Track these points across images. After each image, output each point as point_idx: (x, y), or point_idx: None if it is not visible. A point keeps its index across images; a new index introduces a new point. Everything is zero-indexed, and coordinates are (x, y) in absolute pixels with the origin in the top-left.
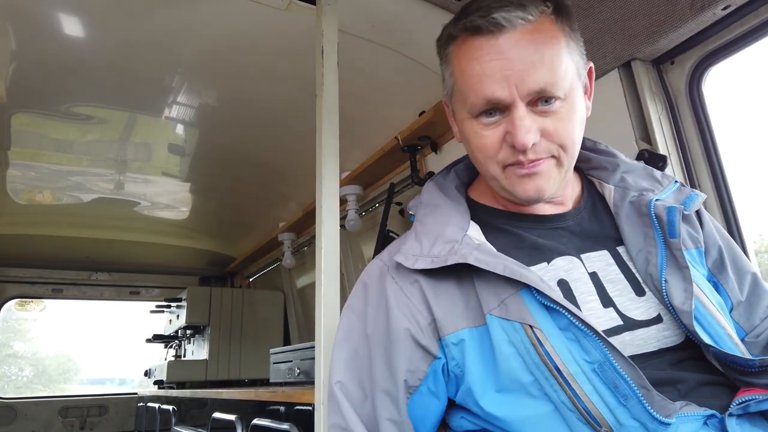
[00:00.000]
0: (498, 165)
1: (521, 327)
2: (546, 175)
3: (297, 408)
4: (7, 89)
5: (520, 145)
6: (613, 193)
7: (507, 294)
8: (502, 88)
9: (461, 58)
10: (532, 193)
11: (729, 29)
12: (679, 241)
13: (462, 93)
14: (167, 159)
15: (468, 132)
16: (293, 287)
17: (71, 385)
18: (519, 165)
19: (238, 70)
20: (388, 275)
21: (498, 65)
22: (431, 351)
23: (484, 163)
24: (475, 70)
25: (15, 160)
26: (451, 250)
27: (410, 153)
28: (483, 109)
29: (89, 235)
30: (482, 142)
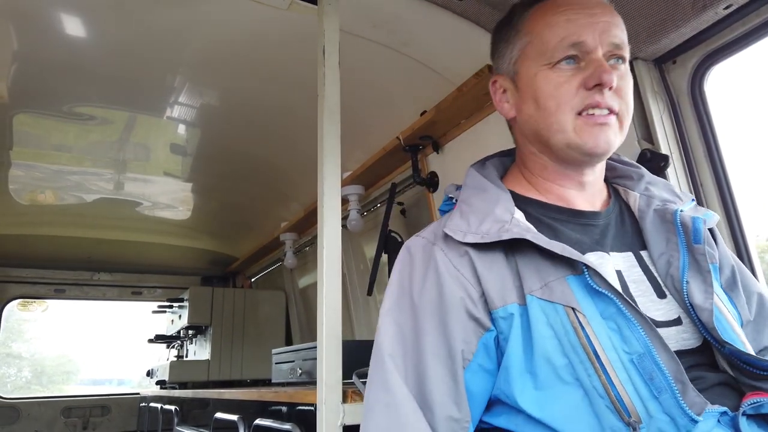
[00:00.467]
0: (570, 113)
1: (563, 310)
2: (613, 129)
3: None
4: (9, 90)
5: (607, 79)
6: (638, 200)
7: (552, 278)
8: (587, 33)
9: (545, 12)
10: (602, 143)
11: (731, 29)
12: (703, 246)
13: (541, 45)
14: (169, 159)
15: (543, 83)
16: (295, 287)
17: (70, 385)
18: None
19: (240, 70)
20: (436, 246)
21: (585, 16)
22: (483, 323)
23: (556, 110)
24: (561, 19)
25: (17, 161)
26: (502, 228)
27: (412, 153)
28: (566, 54)
29: (91, 236)
30: (559, 87)
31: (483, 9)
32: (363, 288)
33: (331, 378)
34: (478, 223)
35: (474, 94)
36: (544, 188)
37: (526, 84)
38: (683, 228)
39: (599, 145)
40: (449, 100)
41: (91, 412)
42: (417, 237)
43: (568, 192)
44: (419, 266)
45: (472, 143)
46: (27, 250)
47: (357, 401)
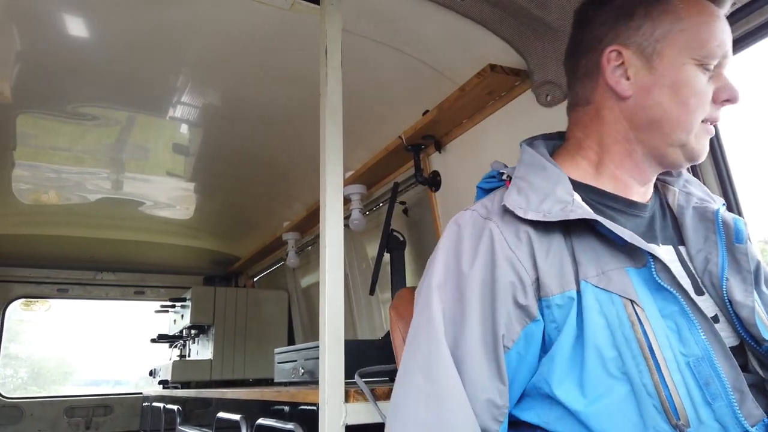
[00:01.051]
0: (700, 118)
1: (620, 300)
2: None
3: (301, 408)
4: (13, 90)
5: (737, 100)
6: (677, 195)
7: (611, 267)
8: (727, 43)
9: (700, 6)
10: (705, 151)
11: (734, 27)
12: (745, 246)
13: (696, 39)
14: (172, 159)
15: (690, 78)
16: (297, 287)
17: (66, 386)
18: (709, 127)
19: (242, 69)
20: (491, 222)
21: (724, 27)
22: (530, 312)
23: (694, 111)
24: (716, 22)
25: (21, 161)
26: (565, 209)
27: (414, 152)
28: (715, 59)
29: (94, 235)
30: (704, 91)
31: (485, 8)
32: (365, 287)
33: (334, 378)
34: (539, 201)
35: (476, 94)
36: (611, 175)
37: (670, 70)
38: (724, 227)
39: (703, 156)
40: (451, 100)
41: (94, 412)
42: (467, 210)
43: (633, 184)
44: (469, 242)
45: (475, 142)
46: (30, 250)
47: (359, 401)
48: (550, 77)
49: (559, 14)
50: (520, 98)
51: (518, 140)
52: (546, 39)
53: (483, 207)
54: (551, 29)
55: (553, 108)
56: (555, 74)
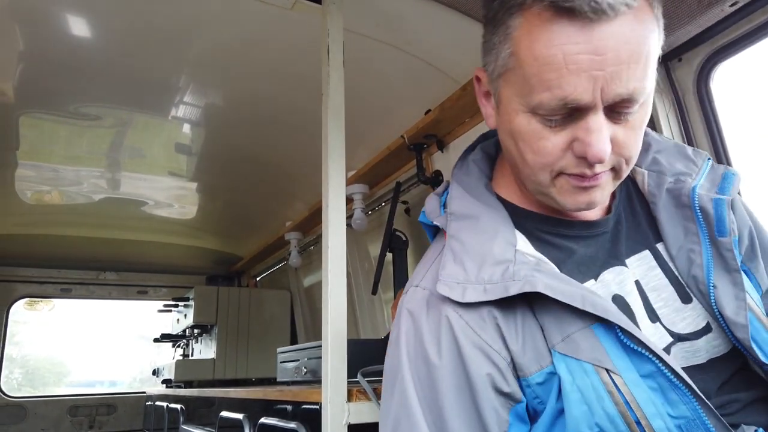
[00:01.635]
0: (552, 173)
1: (594, 370)
2: (602, 188)
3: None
4: (15, 90)
5: (596, 159)
6: (646, 178)
7: (574, 328)
8: (586, 91)
9: (536, 38)
10: (582, 205)
11: (737, 26)
12: (730, 240)
13: (526, 82)
14: (174, 158)
15: (522, 128)
16: (300, 286)
17: (61, 388)
18: (578, 178)
19: (244, 69)
20: (446, 305)
21: (587, 61)
22: (514, 396)
23: (534, 168)
24: (556, 61)
25: (23, 161)
26: (506, 273)
27: (416, 152)
28: (554, 111)
29: (97, 235)
30: (542, 145)
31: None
32: (368, 287)
33: (336, 377)
34: (477, 268)
35: None
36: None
37: (505, 114)
38: (703, 214)
39: (579, 208)
40: (453, 99)
41: (98, 411)
42: (414, 289)
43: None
44: (428, 329)
45: None
46: (33, 250)
47: (362, 400)
48: None
49: None
50: None
51: None
52: None
53: (431, 281)
54: None
55: None
56: None
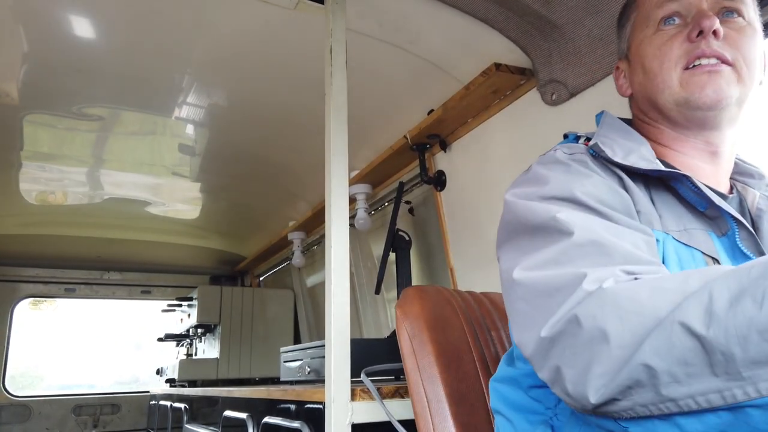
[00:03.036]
0: (675, 69)
1: (702, 257)
2: (725, 78)
3: (307, 406)
4: (20, 91)
5: (706, 25)
6: (757, 198)
7: (693, 227)
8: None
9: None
10: (710, 91)
11: None
12: None
13: (645, 11)
14: (177, 159)
15: (645, 47)
16: (303, 286)
17: (36, 390)
18: (697, 66)
19: (247, 69)
20: (586, 156)
21: None
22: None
23: (660, 70)
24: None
25: (28, 161)
26: (650, 164)
27: (419, 152)
28: (666, 12)
29: (101, 235)
30: (663, 46)
31: (490, 7)
32: (371, 287)
33: (340, 376)
34: (624, 155)
35: (481, 93)
36: (671, 158)
37: (635, 54)
38: None
39: (707, 95)
40: (456, 99)
41: (102, 410)
42: (544, 156)
43: (693, 162)
44: (571, 169)
45: (480, 142)
46: (38, 250)
47: (365, 399)
48: (555, 76)
49: (564, 13)
50: (525, 97)
51: (523, 139)
52: (551, 38)
53: (560, 153)
54: (556, 28)
55: (558, 107)
56: (560, 73)
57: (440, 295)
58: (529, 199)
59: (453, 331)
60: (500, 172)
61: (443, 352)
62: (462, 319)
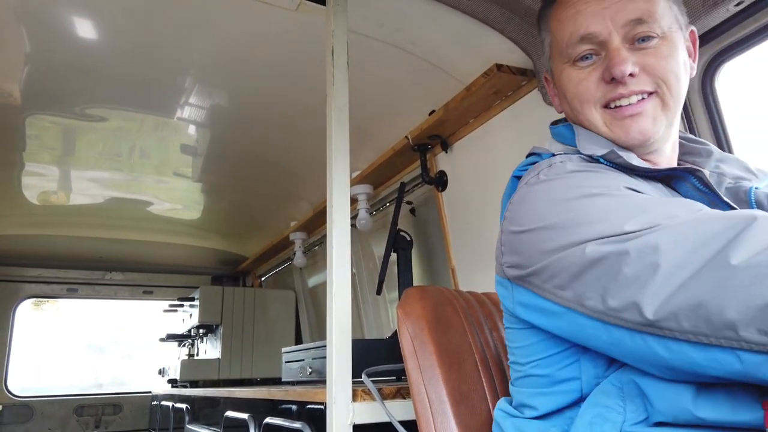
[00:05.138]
0: (597, 109)
1: None
2: (650, 115)
3: (309, 407)
4: (22, 92)
5: (618, 72)
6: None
7: None
8: (597, 23)
9: (558, 10)
10: (635, 134)
11: (742, 25)
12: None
13: (558, 43)
14: (179, 159)
15: (565, 82)
16: (305, 286)
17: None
18: (618, 107)
19: (249, 70)
20: (601, 166)
21: (594, 3)
22: None
23: (581, 109)
24: (570, 13)
25: (30, 162)
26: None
27: (421, 152)
28: (579, 49)
29: (103, 235)
30: (579, 85)
31: (491, 8)
32: (372, 287)
33: (341, 377)
34: (627, 159)
35: (482, 93)
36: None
37: (558, 82)
38: (758, 206)
39: (634, 138)
40: (458, 100)
41: (104, 411)
42: (550, 170)
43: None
44: (595, 173)
45: (481, 142)
46: (40, 250)
47: (367, 400)
48: None
49: None
50: (526, 98)
51: (525, 140)
52: None
53: (569, 163)
54: None
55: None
56: None
57: (441, 296)
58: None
59: (454, 331)
60: (501, 172)
61: (445, 352)
62: (463, 320)
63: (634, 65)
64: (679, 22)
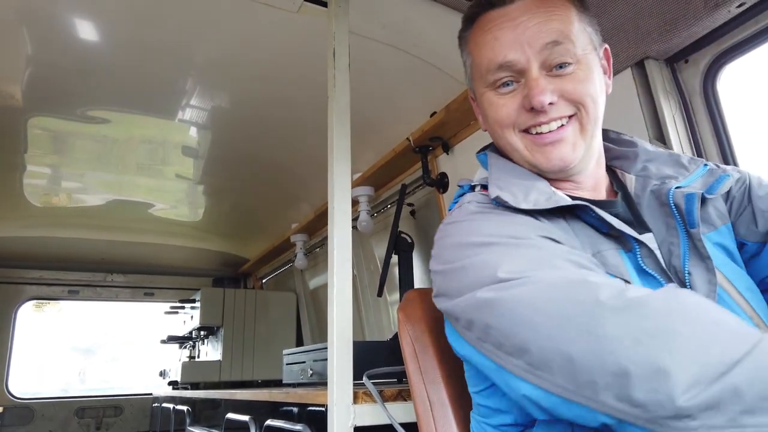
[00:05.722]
0: (517, 134)
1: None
2: (569, 142)
3: (310, 409)
4: (24, 93)
5: (537, 103)
6: (634, 182)
7: (605, 247)
8: (514, 51)
9: (476, 34)
10: (556, 161)
11: (743, 27)
12: (698, 231)
13: (478, 67)
14: (181, 161)
15: (485, 106)
16: (306, 288)
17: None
18: (538, 134)
19: (251, 72)
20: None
21: (510, 30)
22: None
23: (502, 134)
24: (488, 39)
25: (32, 164)
26: (550, 199)
27: (422, 154)
28: (498, 76)
29: (104, 237)
30: (499, 111)
31: None
32: (373, 289)
33: (342, 379)
34: (524, 195)
35: None
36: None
37: (479, 103)
38: (678, 209)
39: (554, 164)
40: (459, 101)
41: (105, 413)
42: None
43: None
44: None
45: (482, 144)
46: (41, 252)
47: (368, 402)
48: None
49: None
50: None
51: None
52: None
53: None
54: None
55: None
56: None
57: None
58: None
59: None
60: None
61: (446, 355)
62: None
63: (552, 94)
64: (593, 42)
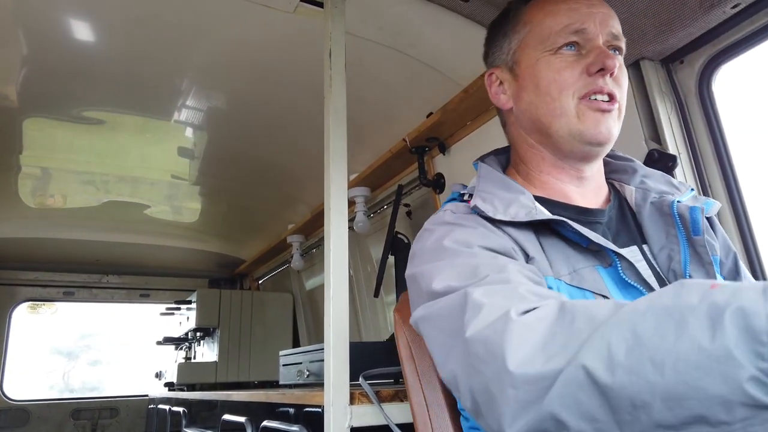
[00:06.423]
0: (573, 98)
1: (593, 297)
2: (614, 119)
3: (306, 410)
4: (19, 94)
5: (609, 65)
6: (634, 193)
7: (582, 265)
8: (589, 21)
9: (546, 2)
10: (604, 130)
11: (739, 27)
12: (703, 238)
13: (542, 32)
14: (177, 162)
15: (542, 69)
16: (302, 289)
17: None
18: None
19: (247, 73)
20: (472, 216)
21: (584, 5)
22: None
23: (558, 96)
24: (563, 7)
25: (27, 164)
26: (530, 213)
27: (418, 154)
28: (569, 40)
29: (100, 238)
30: (562, 72)
31: (488, 10)
32: (370, 289)
33: (339, 380)
34: (504, 207)
35: (480, 96)
36: (543, 183)
37: (527, 71)
38: (681, 219)
39: (601, 132)
40: (455, 102)
41: (100, 414)
42: (434, 217)
43: (566, 187)
44: (456, 227)
45: (479, 144)
46: (36, 253)
47: (364, 403)
48: None
49: None
50: None
51: None
52: None
53: (449, 213)
54: None
55: None
56: None
57: None
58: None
59: None
60: None
61: None
62: None
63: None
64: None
